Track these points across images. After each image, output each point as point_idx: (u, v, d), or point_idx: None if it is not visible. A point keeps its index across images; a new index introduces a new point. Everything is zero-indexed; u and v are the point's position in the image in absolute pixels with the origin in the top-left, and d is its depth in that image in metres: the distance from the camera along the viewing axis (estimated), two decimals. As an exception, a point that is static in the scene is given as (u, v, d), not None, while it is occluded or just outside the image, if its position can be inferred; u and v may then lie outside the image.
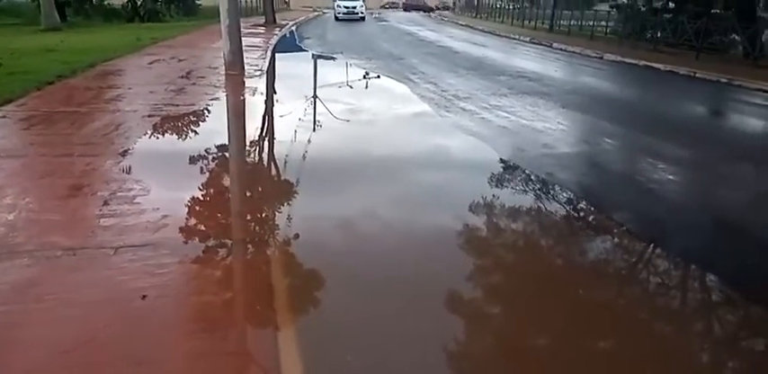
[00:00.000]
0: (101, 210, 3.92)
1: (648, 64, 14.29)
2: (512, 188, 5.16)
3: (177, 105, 7.63)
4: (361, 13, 32.11)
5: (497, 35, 23.83)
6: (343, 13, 31.74)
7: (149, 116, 6.90)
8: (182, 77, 9.86)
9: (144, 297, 2.83)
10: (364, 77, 11.71)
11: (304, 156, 5.78)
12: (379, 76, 11.44)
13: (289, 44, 18.14)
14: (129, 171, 4.82)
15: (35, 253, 3.24)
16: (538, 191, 5.11)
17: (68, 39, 15.10)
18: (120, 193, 4.25)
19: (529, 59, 15.56)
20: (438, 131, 7.13)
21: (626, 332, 3.03)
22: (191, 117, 7.15)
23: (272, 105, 8.60)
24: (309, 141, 6.44)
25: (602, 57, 15.98)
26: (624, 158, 6.42)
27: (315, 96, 9.36)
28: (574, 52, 17.32)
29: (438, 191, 4.98)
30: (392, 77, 11.24)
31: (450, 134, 6.91)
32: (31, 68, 9.58)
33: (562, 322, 3.07)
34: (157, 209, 3.96)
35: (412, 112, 8.27)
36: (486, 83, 10.58)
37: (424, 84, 10.26)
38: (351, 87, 10.66)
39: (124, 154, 5.30)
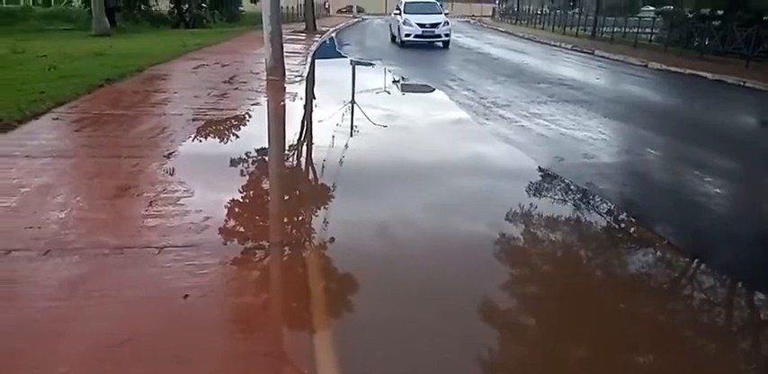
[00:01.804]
0: (146, 211, 4.04)
1: (695, 72, 13.95)
2: (550, 198, 5.11)
3: (220, 109, 7.81)
4: (446, 34, 19.11)
5: (538, 42, 23.63)
6: (415, 36, 18.70)
7: (193, 120, 7.08)
8: (225, 82, 10.09)
9: (186, 296, 2.90)
10: (401, 83, 11.77)
11: (341, 161, 5.84)
12: (402, 78, 11.48)
13: (328, 50, 18.37)
14: (173, 173, 4.96)
15: (84, 251, 3.37)
16: (577, 202, 5.05)
17: (117, 44, 15.59)
18: (164, 195, 4.38)
19: (570, 67, 15.38)
20: (476, 139, 7.12)
21: (664, 348, 2.97)
22: (233, 121, 7.31)
23: (311, 110, 8.72)
24: (347, 146, 6.51)
25: (646, 66, 15.67)
26: (668, 169, 6.29)
27: (353, 102, 9.45)
28: (617, 60, 17.04)
29: (475, 199, 4.96)
30: (430, 84, 11.26)
31: (488, 142, 6.89)
32: (82, 72, 9.93)
33: (595, 334, 3.04)
34: (200, 210, 4.06)
35: (449, 119, 8.28)
36: (525, 90, 10.50)
37: (463, 91, 10.25)
38: (388, 93, 10.73)
39: (169, 156, 5.45)
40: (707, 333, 3.23)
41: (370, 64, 14.87)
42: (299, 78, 10.92)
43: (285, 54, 11.11)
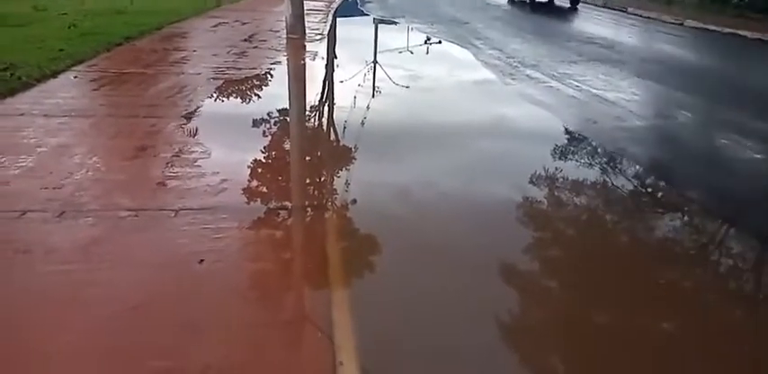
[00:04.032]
0: (163, 172, 3.96)
1: (734, 31, 13.26)
2: (579, 161, 4.91)
3: (240, 69, 7.64)
4: None
5: (568, -1, 22.64)
6: None
7: (213, 79, 6.94)
8: (244, 40, 9.87)
9: (201, 261, 2.84)
10: (426, 42, 11.40)
11: (363, 122, 5.68)
12: (440, 42, 11.10)
13: (350, 8, 17.85)
14: (191, 133, 4.86)
15: (99, 213, 3.31)
16: (609, 167, 4.84)
17: (138, 1, 15.28)
18: (182, 155, 4.29)
19: (600, 25, 14.72)
20: (502, 100, 6.88)
21: (689, 315, 2.84)
22: (252, 80, 7.15)
23: (333, 70, 8.50)
24: (369, 107, 6.33)
25: (681, 24, 14.94)
26: (705, 133, 6.01)
27: (375, 62, 9.17)
28: (650, 18, 16.26)
29: (500, 162, 4.80)
30: (455, 42, 10.86)
31: (514, 103, 6.64)
32: (102, 30, 9.77)
33: (622, 300, 2.93)
34: (217, 172, 3.97)
35: (474, 79, 7.99)
36: (554, 49, 10.09)
37: (489, 50, 9.88)
38: (412, 53, 10.40)
39: (188, 116, 5.35)
40: (734, 300, 3.10)
41: (393, 22, 14.41)
42: (319, 37, 10.63)
43: (306, 12, 10.79)
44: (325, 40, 10.51)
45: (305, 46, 9.66)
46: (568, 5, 18.04)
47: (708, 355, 2.56)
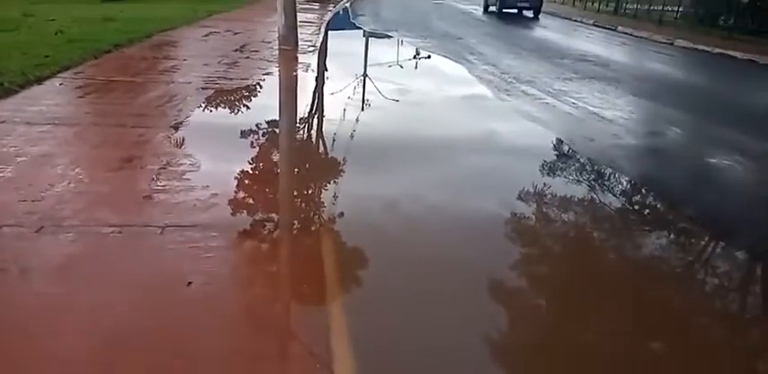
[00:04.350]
0: (149, 185, 3.77)
1: (724, 52, 13.38)
2: (577, 180, 4.79)
3: (230, 79, 7.48)
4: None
5: (558, 17, 22.85)
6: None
7: (203, 88, 6.77)
8: (235, 51, 9.72)
9: (189, 283, 2.65)
10: (418, 57, 11.33)
11: (352, 136, 5.52)
12: (429, 56, 11.05)
13: (343, 21, 17.81)
14: (180, 144, 4.68)
15: (80, 229, 3.11)
16: (605, 185, 4.73)
17: (128, 9, 15.13)
18: (169, 168, 4.11)
19: (593, 43, 14.80)
20: (497, 116, 6.77)
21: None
22: (243, 91, 6.99)
23: (324, 83, 8.35)
24: (358, 120, 6.18)
25: (672, 44, 15.07)
26: (701, 152, 5.92)
27: (365, 75, 9.05)
28: (641, 37, 16.40)
29: (498, 179, 4.67)
30: (449, 57, 10.80)
31: (510, 119, 6.54)
32: (90, 37, 9.57)
33: (612, 317, 2.86)
34: (207, 186, 3.79)
35: (469, 95, 7.89)
36: (548, 65, 10.06)
37: (483, 66, 9.82)
38: (403, 67, 10.32)
39: (176, 126, 5.17)
40: (729, 318, 3.01)
41: (386, 35, 14.36)
42: (311, 49, 10.52)
43: (298, 23, 10.69)
44: (318, 51, 10.39)
45: (297, 57, 9.54)
46: (531, 15, 21.57)
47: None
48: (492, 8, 21.81)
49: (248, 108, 6.37)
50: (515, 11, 21.39)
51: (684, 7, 20.89)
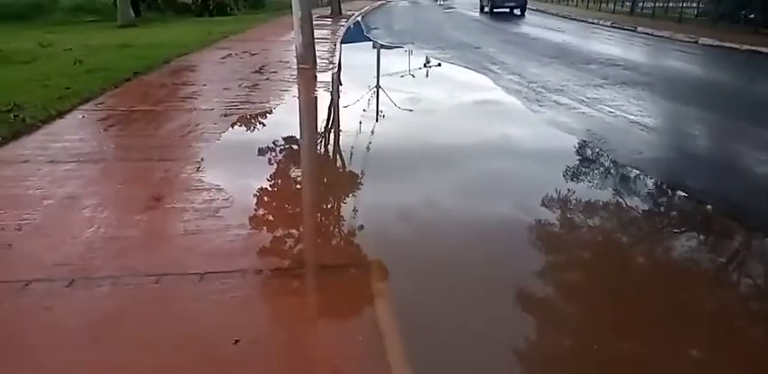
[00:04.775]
0: (183, 226, 3.55)
1: (753, 48, 12.96)
2: (639, 200, 4.43)
3: (253, 103, 7.31)
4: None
5: (573, 19, 22.56)
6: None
7: (225, 115, 6.59)
8: (254, 72, 9.59)
9: (236, 342, 2.40)
10: (430, 66, 11.13)
11: (389, 159, 5.28)
12: (440, 65, 10.82)
13: (357, 35, 17.70)
14: (209, 178, 4.46)
15: (114, 281, 2.89)
16: (670, 204, 4.40)
17: (143, 34, 15.20)
18: (201, 205, 3.88)
19: (615, 45, 14.46)
20: (532, 130, 6.47)
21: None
22: (267, 116, 6.80)
23: (351, 103, 8.13)
24: (396, 144, 5.93)
25: (696, 42, 14.68)
26: None
27: (378, 87, 8.80)
28: (662, 37, 16.04)
29: (555, 199, 4.35)
30: (470, 68, 10.57)
31: (547, 133, 6.24)
32: (109, 65, 9.52)
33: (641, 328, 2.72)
34: (243, 224, 3.56)
35: (499, 108, 7.62)
36: (575, 72, 9.76)
37: (507, 75, 9.56)
38: (427, 79, 10.11)
39: (203, 159, 4.96)
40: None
41: (403, 48, 14.18)
42: (331, 66, 10.34)
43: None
44: (337, 69, 10.21)
45: (316, 76, 9.37)
46: (519, 13, 24.53)
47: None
48: (486, 9, 25.49)
49: (273, 134, 6.15)
50: (507, 10, 24.87)
51: (704, 3, 20.45)
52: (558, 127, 6.33)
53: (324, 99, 7.91)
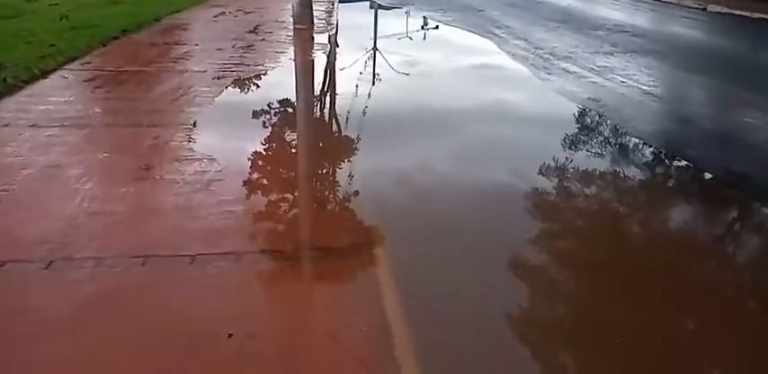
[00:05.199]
0: (172, 201, 3.32)
1: (765, 16, 12.53)
2: (669, 183, 4.21)
3: (247, 65, 6.96)
4: None
5: (580, -17, 21.77)
6: None
7: (218, 78, 6.26)
8: (249, 32, 9.16)
9: (230, 335, 2.20)
10: (425, 27, 10.70)
11: (397, 127, 5.02)
12: (437, 27, 10.38)
13: (356, -6, 17.04)
14: (201, 146, 4.21)
15: (96, 262, 2.67)
16: (704, 186, 4.15)
17: (132, -11, 14.53)
18: (192, 177, 3.65)
19: (621, 11, 13.94)
20: (541, 99, 6.17)
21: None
22: (262, 79, 6.47)
23: (348, 65, 7.78)
24: (397, 110, 5.65)
25: (704, 9, 14.17)
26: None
27: (374, 48, 8.41)
28: (669, 2, 15.47)
29: (582, 179, 4.11)
30: (474, 32, 10.14)
31: (556, 103, 5.94)
32: (96, 22, 9.04)
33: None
34: (238, 199, 3.33)
35: (504, 74, 7.30)
36: (583, 38, 9.38)
37: (513, 41, 9.17)
38: (429, 43, 9.72)
39: (195, 124, 4.69)
40: None
41: (403, 10, 13.64)
42: (329, 27, 9.91)
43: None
44: (335, 30, 9.78)
45: (313, 37, 8.97)
46: None
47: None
48: None
49: (268, 97, 5.84)
50: None
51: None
52: (567, 97, 6.04)
53: (321, 62, 7.56)
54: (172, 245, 2.82)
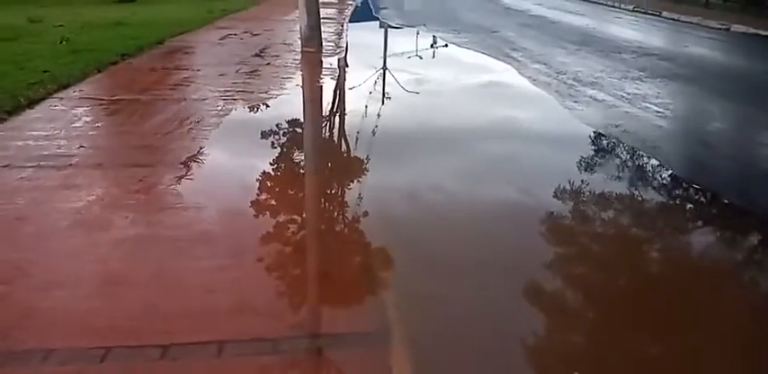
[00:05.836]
0: (156, 268, 2.77)
1: (793, 37, 12.03)
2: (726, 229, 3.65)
3: (251, 92, 6.50)
4: None
5: (592, 2, 21.42)
6: None
7: (218, 108, 5.78)
8: (255, 56, 8.74)
9: None
10: (457, 54, 10.22)
11: (415, 180, 4.50)
12: (450, 46, 9.91)
13: (365, 15, 16.72)
14: (192, 192, 3.70)
15: (44, 355, 2.12)
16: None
17: (140, 11, 14.27)
18: (178, 232, 3.11)
19: (642, 32, 13.49)
20: (570, 132, 5.58)
21: None
22: (266, 109, 6.00)
23: (363, 94, 7.28)
24: (417, 148, 5.14)
25: (728, 29, 13.71)
26: None
27: (383, 71, 7.96)
28: (691, 23, 15.04)
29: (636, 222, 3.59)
30: (489, 54, 9.66)
31: (587, 137, 5.37)
32: (97, 45, 8.68)
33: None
34: (235, 264, 2.78)
35: (527, 102, 6.79)
36: (607, 62, 8.88)
37: (533, 64, 8.68)
38: (445, 67, 9.24)
39: (187, 164, 4.19)
40: None
41: (416, 31, 13.23)
42: (338, 49, 9.48)
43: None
44: (345, 53, 9.34)
45: (322, 61, 8.53)
46: None
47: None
48: None
49: (272, 128, 5.34)
50: None
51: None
52: (600, 130, 5.49)
53: (330, 89, 7.07)
54: (149, 341, 2.27)
